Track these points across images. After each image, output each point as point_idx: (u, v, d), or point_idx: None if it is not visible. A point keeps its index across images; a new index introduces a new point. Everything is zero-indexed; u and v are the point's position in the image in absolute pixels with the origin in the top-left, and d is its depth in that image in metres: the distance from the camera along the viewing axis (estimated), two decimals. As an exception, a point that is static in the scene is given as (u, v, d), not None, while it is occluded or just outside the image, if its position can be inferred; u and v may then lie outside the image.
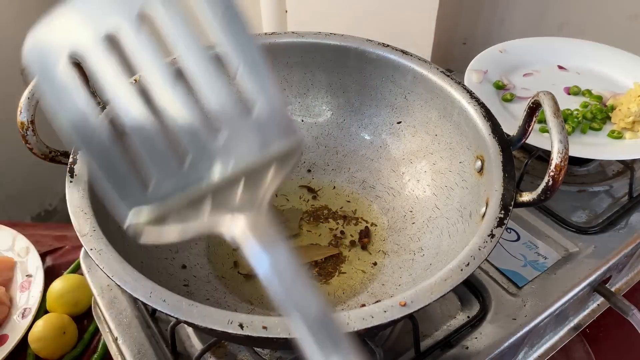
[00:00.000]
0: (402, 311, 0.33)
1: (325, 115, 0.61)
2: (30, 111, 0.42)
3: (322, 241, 0.54)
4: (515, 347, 0.50)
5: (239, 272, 0.51)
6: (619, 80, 0.71)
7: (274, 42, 0.57)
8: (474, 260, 0.36)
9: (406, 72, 0.54)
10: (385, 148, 0.58)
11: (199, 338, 0.50)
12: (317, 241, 0.54)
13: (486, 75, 0.70)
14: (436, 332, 0.49)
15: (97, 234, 0.38)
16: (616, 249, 0.56)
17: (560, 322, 0.57)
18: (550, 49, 0.74)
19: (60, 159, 0.45)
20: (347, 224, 0.56)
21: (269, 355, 0.48)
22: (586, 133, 0.64)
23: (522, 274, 0.53)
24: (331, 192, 0.59)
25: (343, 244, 0.54)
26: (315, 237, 0.55)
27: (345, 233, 0.55)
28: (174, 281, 0.47)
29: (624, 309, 0.53)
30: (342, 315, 0.33)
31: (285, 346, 0.44)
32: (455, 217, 0.48)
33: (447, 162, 0.52)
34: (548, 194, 0.38)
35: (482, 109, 0.48)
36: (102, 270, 0.36)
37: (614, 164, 0.67)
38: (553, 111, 0.39)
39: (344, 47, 0.57)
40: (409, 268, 0.49)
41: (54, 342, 0.66)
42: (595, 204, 0.61)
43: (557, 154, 0.37)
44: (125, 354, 0.48)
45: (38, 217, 1.61)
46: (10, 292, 0.72)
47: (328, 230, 0.55)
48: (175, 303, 0.34)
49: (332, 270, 0.51)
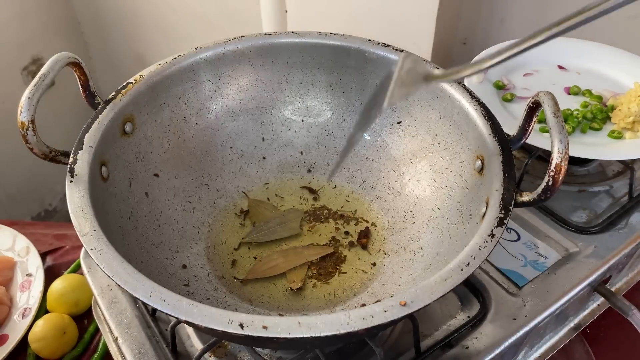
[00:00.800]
0: (403, 311, 0.33)
1: (326, 115, 0.61)
2: (31, 111, 0.42)
3: (322, 241, 0.54)
4: (515, 347, 0.50)
5: (235, 277, 0.50)
6: (619, 80, 0.71)
7: (274, 42, 0.57)
8: (474, 260, 0.36)
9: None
10: (385, 148, 0.58)
11: (199, 338, 0.50)
12: (318, 241, 0.54)
13: (486, 75, 0.70)
14: (436, 332, 0.49)
15: (97, 234, 0.38)
16: (616, 249, 0.56)
17: (561, 322, 0.57)
18: (551, 49, 0.74)
19: (60, 158, 0.45)
20: (347, 224, 0.56)
21: (269, 355, 0.48)
22: (586, 133, 0.64)
23: (522, 274, 0.53)
24: (331, 192, 0.59)
25: (343, 244, 0.54)
26: (315, 237, 0.55)
27: (345, 233, 0.55)
28: (174, 281, 0.47)
29: (624, 309, 0.53)
30: (342, 315, 0.33)
31: (285, 346, 0.44)
32: (455, 217, 0.48)
33: (447, 162, 0.52)
34: (548, 193, 0.38)
35: (482, 109, 0.48)
36: (103, 270, 0.36)
37: (614, 164, 0.67)
38: (553, 111, 0.39)
39: (344, 47, 0.57)
40: (409, 268, 0.49)
41: (54, 341, 0.66)
42: (595, 204, 0.61)
43: (557, 153, 0.37)
44: (126, 353, 0.48)
45: (38, 216, 1.61)
46: (10, 291, 0.72)
47: (328, 230, 0.55)
48: (176, 303, 0.34)
49: (332, 270, 0.51)
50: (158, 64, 0.53)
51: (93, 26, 1.57)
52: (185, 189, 0.55)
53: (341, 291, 0.50)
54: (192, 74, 0.55)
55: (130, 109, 0.50)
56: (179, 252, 0.50)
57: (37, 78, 0.43)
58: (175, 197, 0.54)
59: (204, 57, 0.55)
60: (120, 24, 1.49)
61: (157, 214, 0.51)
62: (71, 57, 0.46)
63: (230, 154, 0.59)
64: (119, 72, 1.60)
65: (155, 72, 0.52)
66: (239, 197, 0.58)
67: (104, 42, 1.58)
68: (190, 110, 0.56)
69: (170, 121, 0.55)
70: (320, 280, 0.51)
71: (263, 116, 0.60)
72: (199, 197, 0.56)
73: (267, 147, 0.60)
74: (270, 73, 0.59)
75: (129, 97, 0.50)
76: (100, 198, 0.43)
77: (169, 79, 0.54)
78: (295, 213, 0.56)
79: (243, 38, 0.57)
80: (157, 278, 0.38)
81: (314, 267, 0.52)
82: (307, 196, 0.58)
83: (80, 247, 0.70)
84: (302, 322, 0.32)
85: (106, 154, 0.46)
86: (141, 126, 0.52)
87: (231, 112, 0.59)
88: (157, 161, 0.53)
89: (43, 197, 1.60)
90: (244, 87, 0.59)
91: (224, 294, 0.49)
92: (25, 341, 0.67)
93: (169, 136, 0.55)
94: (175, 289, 0.36)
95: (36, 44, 1.44)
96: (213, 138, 0.58)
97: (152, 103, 0.53)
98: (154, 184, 0.52)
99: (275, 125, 0.61)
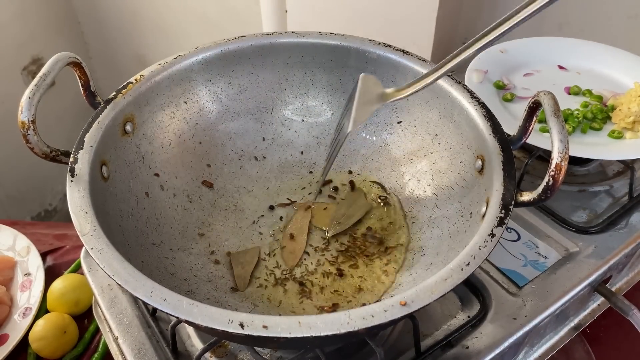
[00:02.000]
0: (403, 310, 0.33)
1: (326, 115, 0.61)
2: (32, 111, 0.42)
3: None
4: (515, 347, 0.50)
5: (232, 288, 0.50)
6: (619, 80, 0.71)
7: (274, 41, 0.57)
8: (474, 259, 0.36)
9: (406, 72, 0.54)
10: (385, 148, 0.58)
11: (200, 337, 0.50)
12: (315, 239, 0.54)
13: (486, 75, 0.70)
14: (436, 331, 0.49)
15: (97, 233, 0.38)
16: (616, 248, 0.56)
17: (561, 321, 0.57)
18: (551, 49, 0.74)
19: (61, 158, 0.45)
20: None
21: (269, 355, 0.48)
22: (586, 133, 0.64)
23: (522, 274, 0.53)
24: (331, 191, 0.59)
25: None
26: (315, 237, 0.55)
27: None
28: (175, 280, 0.47)
29: (624, 308, 0.53)
30: (342, 314, 0.33)
31: (285, 345, 0.44)
32: (455, 216, 0.48)
33: (448, 161, 0.52)
34: (548, 193, 0.38)
35: (482, 108, 0.48)
36: (103, 269, 0.36)
37: (614, 163, 0.67)
38: (553, 111, 0.39)
39: (344, 47, 0.57)
40: (409, 267, 0.49)
41: (55, 341, 0.66)
42: (595, 203, 0.61)
43: (557, 153, 0.37)
44: (126, 353, 0.48)
45: (38, 216, 1.61)
46: (10, 291, 0.72)
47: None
48: (176, 302, 0.34)
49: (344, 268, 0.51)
50: (158, 63, 0.53)
51: (93, 26, 1.57)
52: (185, 189, 0.55)
53: (342, 290, 0.50)
54: (192, 74, 0.55)
55: (131, 108, 0.50)
56: (179, 252, 0.50)
57: (38, 78, 0.43)
58: (175, 197, 0.54)
59: (205, 57, 0.55)
60: (120, 24, 1.49)
61: (158, 214, 0.51)
62: (72, 57, 0.46)
63: (230, 153, 0.59)
64: (119, 72, 1.60)
65: (155, 72, 0.52)
66: (239, 196, 0.58)
67: (104, 42, 1.58)
68: (191, 110, 0.56)
69: (171, 121, 0.55)
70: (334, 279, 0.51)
71: (263, 116, 0.60)
72: (200, 197, 0.56)
73: (267, 147, 0.60)
74: (270, 73, 0.59)
75: (130, 96, 0.50)
76: (100, 198, 0.43)
77: (169, 78, 0.54)
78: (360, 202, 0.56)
79: (243, 38, 0.57)
80: (157, 277, 0.38)
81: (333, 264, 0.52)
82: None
83: (81, 246, 0.70)
84: (302, 322, 0.32)
85: (107, 153, 0.46)
86: (141, 126, 0.52)
87: (231, 111, 0.59)
88: (158, 161, 0.53)
89: (43, 197, 1.60)
90: (244, 86, 0.59)
91: (224, 294, 0.49)
92: (25, 341, 0.67)
93: (170, 136, 0.55)
94: (176, 289, 0.36)
95: (36, 44, 1.44)
96: (213, 138, 0.58)
97: (153, 103, 0.53)
98: (155, 184, 0.52)
99: (276, 125, 0.61)
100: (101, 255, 0.37)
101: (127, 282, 0.35)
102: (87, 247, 0.37)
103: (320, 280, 0.50)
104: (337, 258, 0.52)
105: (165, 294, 0.34)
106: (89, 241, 0.37)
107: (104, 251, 0.37)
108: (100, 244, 0.37)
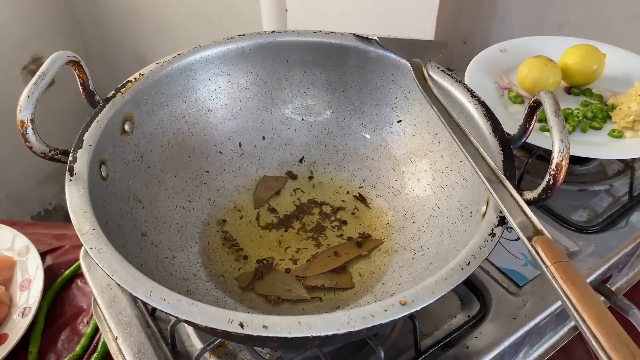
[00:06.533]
0: (403, 310, 0.33)
1: (326, 114, 0.61)
2: (30, 109, 0.42)
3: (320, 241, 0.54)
4: (515, 347, 0.49)
5: (239, 287, 0.49)
6: (619, 80, 0.71)
7: (274, 40, 0.57)
8: (474, 259, 0.36)
9: (406, 71, 0.54)
10: (385, 147, 0.58)
11: (199, 337, 0.50)
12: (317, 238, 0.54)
13: (486, 75, 0.70)
14: (436, 331, 0.49)
15: (96, 233, 0.38)
16: (616, 248, 0.56)
17: (561, 321, 0.57)
18: (551, 48, 0.74)
19: (60, 157, 0.45)
20: (346, 224, 0.56)
21: (269, 355, 0.48)
22: (587, 132, 0.63)
23: (522, 273, 0.53)
24: (331, 191, 0.59)
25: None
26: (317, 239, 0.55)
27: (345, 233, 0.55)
28: (174, 280, 0.46)
29: (625, 308, 0.53)
30: (342, 314, 0.33)
31: (285, 345, 0.44)
32: (455, 216, 0.48)
33: (448, 161, 0.52)
34: (549, 193, 0.38)
35: (482, 107, 0.48)
36: (102, 269, 0.36)
37: (615, 163, 0.67)
38: (554, 110, 0.39)
39: (344, 46, 0.57)
40: (410, 267, 0.49)
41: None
42: (595, 203, 0.61)
43: (558, 152, 0.37)
44: (125, 353, 0.48)
45: (38, 216, 1.61)
46: (10, 291, 0.72)
47: (329, 230, 0.55)
48: (175, 302, 0.34)
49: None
50: (158, 62, 0.53)
51: (93, 25, 1.57)
52: (184, 188, 0.55)
53: (342, 291, 0.50)
54: (191, 73, 0.55)
55: (130, 107, 0.50)
56: (179, 251, 0.50)
57: (37, 76, 0.43)
58: (175, 196, 0.54)
59: (204, 55, 0.55)
60: (120, 23, 1.49)
61: (157, 213, 0.51)
62: (71, 56, 0.46)
63: (230, 152, 0.59)
64: (118, 71, 1.60)
65: (154, 71, 0.52)
66: (239, 195, 0.58)
67: (104, 41, 1.58)
68: (190, 108, 0.56)
69: (170, 120, 0.55)
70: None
71: (263, 115, 0.60)
72: (199, 196, 0.56)
73: (267, 146, 0.60)
74: (270, 72, 0.59)
75: (129, 95, 0.50)
76: (99, 197, 0.43)
77: (168, 77, 0.53)
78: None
79: (243, 37, 0.57)
80: (156, 277, 0.38)
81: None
82: (306, 187, 0.58)
83: (80, 246, 0.70)
84: (302, 322, 0.32)
85: (106, 152, 0.46)
86: (141, 125, 0.52)
87: (231, 110, 0.59)
88: (157, 160, 0.53)
89: (43, 197, 1.60)
90: (243, 85, 0.59)
91: (224, 293, 0.49)
92: (25, 340, 0.67)
93: (169, 135, 0.55)
94: (175, 288, 0.36)
95: (36, 43, 1.44)
96: (213, 137, 0.58)
97: (152, 102, 0.53)
98: (154, 183, 0.52)
99: (275, 124, 0.61)
100: (100, 254, 0.36)
101: (126, 281, 0.35)
102: (86, 246, 0.37)
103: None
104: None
105: (165, 293, 0.34)
106: (88, 241, 0.37)
107: (103, 251, 0.37)
108: (99, 244, 0.37)
